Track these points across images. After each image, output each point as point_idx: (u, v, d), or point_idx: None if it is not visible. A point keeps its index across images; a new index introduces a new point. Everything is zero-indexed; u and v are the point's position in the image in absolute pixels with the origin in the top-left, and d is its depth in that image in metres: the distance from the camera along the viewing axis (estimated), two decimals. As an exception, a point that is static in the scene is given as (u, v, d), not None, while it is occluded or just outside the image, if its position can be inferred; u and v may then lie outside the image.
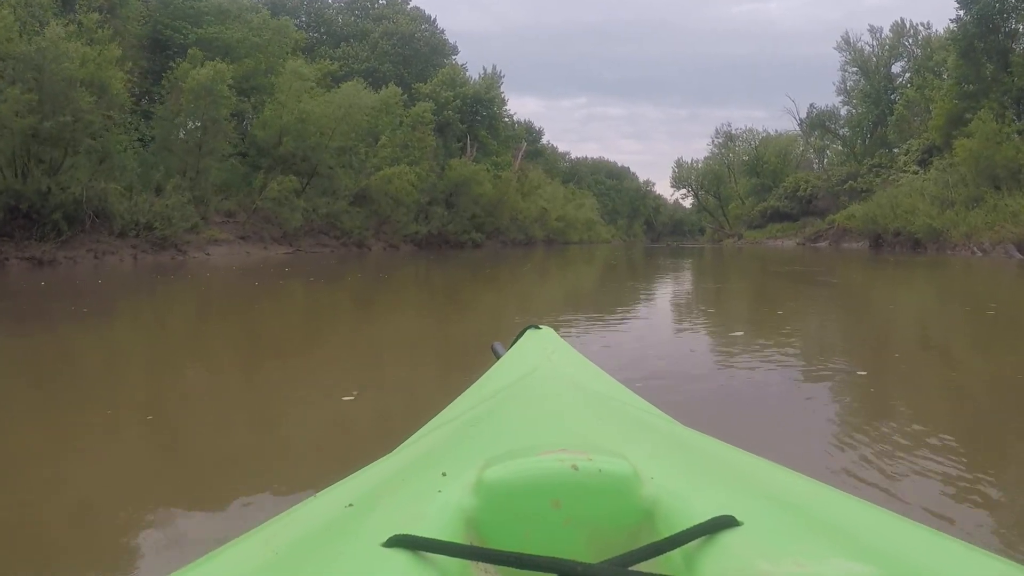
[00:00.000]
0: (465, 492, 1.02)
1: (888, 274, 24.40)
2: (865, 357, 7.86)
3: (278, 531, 1.03)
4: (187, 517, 3.50)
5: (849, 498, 1.11)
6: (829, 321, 11.84)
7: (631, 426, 1.45)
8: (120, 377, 7.27)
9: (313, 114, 43.90)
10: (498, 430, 1.38)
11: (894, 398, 5.96)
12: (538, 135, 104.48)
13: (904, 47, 75.91)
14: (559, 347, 2.25)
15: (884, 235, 48.07)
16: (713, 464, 1.21)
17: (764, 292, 17.22)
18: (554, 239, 79.03)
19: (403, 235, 52.28)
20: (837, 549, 0.85)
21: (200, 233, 36.94)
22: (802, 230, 72.07)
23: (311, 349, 8.91)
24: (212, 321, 12.66)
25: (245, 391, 6.68)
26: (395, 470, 1.24)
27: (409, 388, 6.63)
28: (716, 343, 9.04)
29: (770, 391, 6.15)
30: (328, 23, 73.83)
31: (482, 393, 1.91)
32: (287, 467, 4.30)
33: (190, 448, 4.75)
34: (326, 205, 44.81)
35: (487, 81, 73.05)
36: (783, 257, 40.51)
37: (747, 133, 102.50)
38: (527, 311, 13.12)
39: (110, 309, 14.07)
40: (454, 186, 58.30)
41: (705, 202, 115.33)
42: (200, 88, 37.33)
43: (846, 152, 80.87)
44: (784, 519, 0.94)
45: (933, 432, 4.62)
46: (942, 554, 0.91)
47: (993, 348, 8.53)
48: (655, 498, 1.00)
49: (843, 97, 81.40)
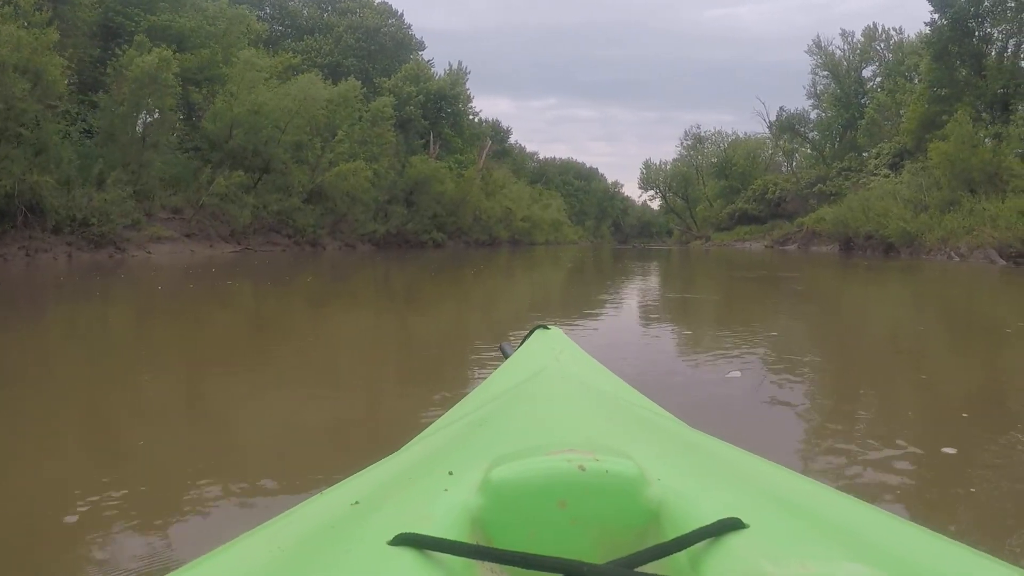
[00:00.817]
0: (472, 491, 1.04)
1: (872, 282, 22.58)
2: (941, 422, 5.27)
3: (283, 528, 1.05)
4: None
5: (855, 501, 1.11)
6: (849, 359, 8.60)
7: (638, 427, 1.45)
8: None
9: (266, 106, 41.92)
10: (505, 430, 1.38)
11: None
12: (505, 134, 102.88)
13: (875, 51, 75.44)
14: (567, 347, 2.24)
15: (855, 238, 46.90)
16: (720, 466, 1.22)
17: (745, 307, 15.17)
18: (519, 240, 77.35)
19: (360, 234, 50.37)
20: (842, 552, 0.86)
21: (142, 230, 35.21)
22: (770, 233, 71.55)
23: (247, 377, 7.05)
24: (126, 334, 10.68)
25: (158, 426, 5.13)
26: (402, 469, 1.25)
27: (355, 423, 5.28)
28: (716, 395, 6.06)
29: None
30: (293, 16, 71.95)
31: (490, 392, 1.91)
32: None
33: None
34: (277, 202, 42.81)
35: (452, 77, 71.23)
36: (752, 261, 39.02)
37: (716, 135, 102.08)
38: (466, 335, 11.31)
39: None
40: (414, 184, 56.34)
41: (673, 204, 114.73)
42: (144, 76, 35.44)
43: (815, 155, 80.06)
44: (790, 522, 0.95)
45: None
46: (946, 558, 0.92)
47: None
48: (661, 499, 1.02)
49: (813, 100, 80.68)
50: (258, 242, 41.70)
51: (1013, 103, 44.88)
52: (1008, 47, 47.00)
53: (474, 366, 7.11)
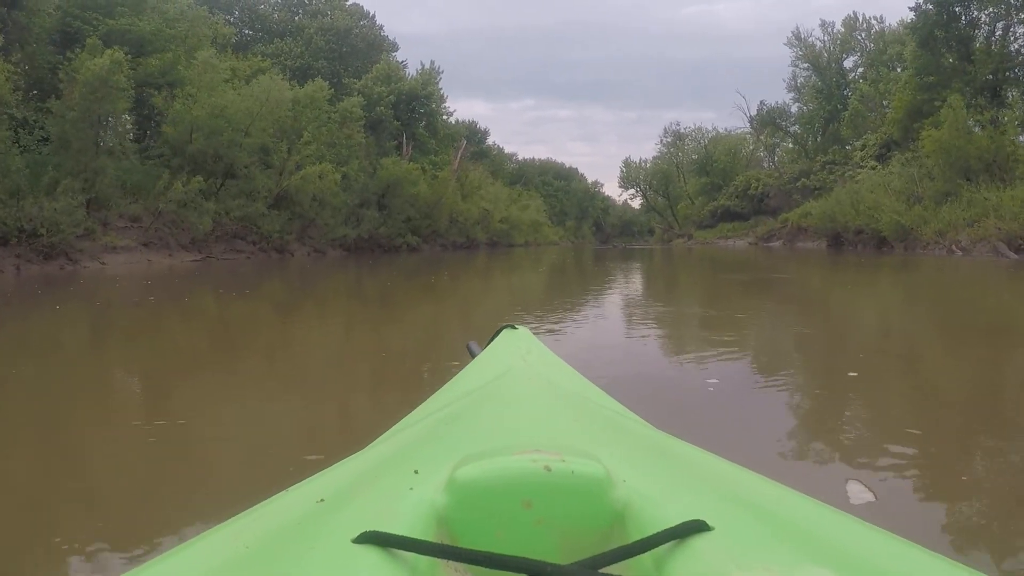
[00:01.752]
0: (437, 490, 1.04)
1: (879, 283, 20.57)
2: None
3: (248, 525, 1.02)
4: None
5: (819, 505, 1.10)
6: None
7: (605, 428, 1.42)
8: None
9: (227, 109, 39.82)
10: (472, 429, 1.37)
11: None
12: (483, 136, 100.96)
13: (856, 41, 74.11)
14: (534, 347, 2.24)
15: (844, 234, 45.23)
16: (686, 468, 1.21)
17: (745, 325, 12.83)
18: (498, 241, 75.64)
19: (330, 239, 48.24)
20: (806, 555, 0.87)
21: (96, 240, 33.13)
22: (754, 229, 70.46)
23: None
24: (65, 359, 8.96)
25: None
26: (367, 466, 1.24)
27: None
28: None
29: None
30: (263, 19, 69.65)
31: (457, 391, 1.91)
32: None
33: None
34: (240, 208, 40.61)
35: (424, 77, 69.02)
36: (738, 260, 37.22)
37: (696, 132, 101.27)
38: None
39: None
40: (386, 187, 54.13)
41: (654, 202, 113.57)
42: (95, 80, 33.35)
43: (797, 149, 78.70)
44: (755, 524, 0.95)
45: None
46: (907, 561, 0.92)
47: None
48: (627, 501, 1.02)
49: (794, 94, 79.32)
50: (220, 250, 39.57)
51: (1004, 89, 43.31)
52: (996, 31, 45.61)
53: (443, 377, 5.87)
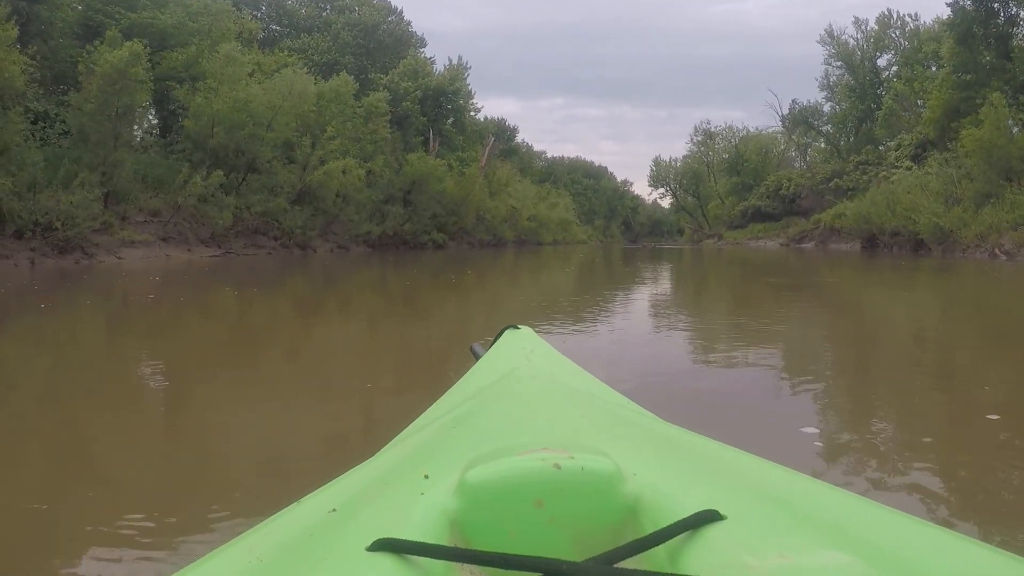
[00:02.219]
0: (448, 494, 1.03)
1: (943, 289, 19.09)
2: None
3: (262, 538, 1.02)
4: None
5: (832, 489, 1.10)
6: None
7: (613, 423, 1.43)
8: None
9: (249, 103, 38.98)
10: (479, 431, 1.36)
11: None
12: (512, 133, 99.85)
13: (891, 39, 72.15)
14: (538, 346, 2.21)
15: (879, 235, 43.67)
16: (696, 459, 1.21)
17: (806, 341, 10.80)
18: (525, 240, 74.82)
19: (354, 235, 47.45)
20: (821, 540, 0.86)
21: (113, 234, 32.43)
22: (785, 230, 68.83)
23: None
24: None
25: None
26: (378, 474, 1.23)
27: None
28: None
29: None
30: (290, 15, 68.98)
31: (463, 394, 1.89)
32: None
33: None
34: (260, 203, 39.84)
35: (452, 72, 68.16)
36: (773, 261, 35.91)
37: (727, 131, 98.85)
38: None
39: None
40: (412, 183, 53.28)
41: (684, 202, 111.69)
42: (113, 72, 32.56)
43: (830, 149, 77.09)
44: (768, 512, 0.95)
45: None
46: (925, 542, 0.91)
47: None
48: (638, 495, 1.01)
49: (826, 93, 77.64)
50: (240, 245, 38.86)
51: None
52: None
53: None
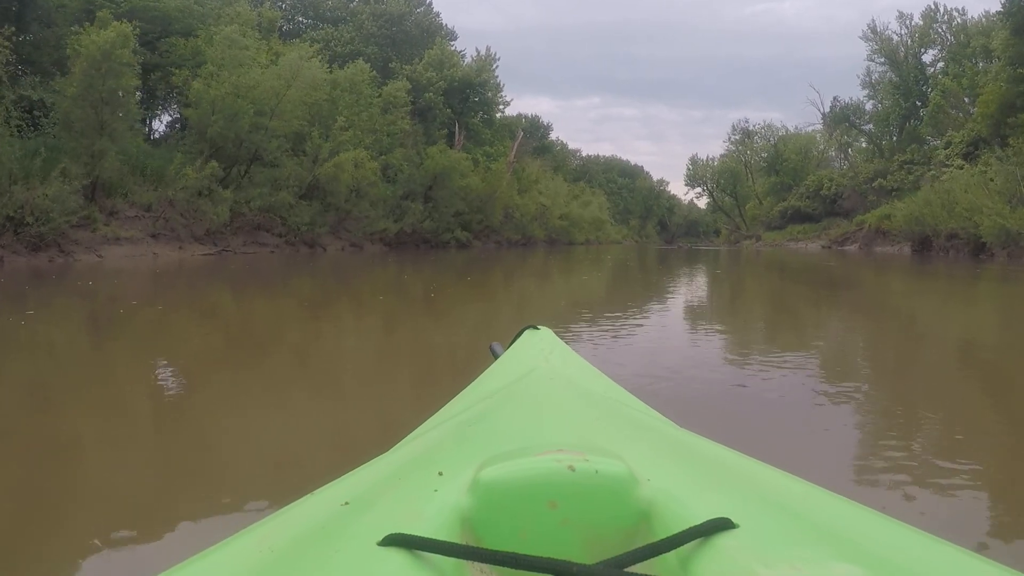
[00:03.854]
0: (461, 492, 1.02)
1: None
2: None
3: (273, 529, 1.01)
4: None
5: (846, 502, 1.07)
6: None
7: (628, 427, 1.40)
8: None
9: (251, 89, 35.71)
10: (495, 430, 1.35)
11: None
12: (545, 130, 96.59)
13: (936, 34, 68.36)
14: (557, 347, 2.19)
15: (934, 238, 39.66)
16: (710, 466, 1.18)
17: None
18: (556, 239, 71.60)
19: (368, 233, 43.99)
20: (833, 553, 0.86)
21: (96, 230, 29.29)
22: (826, 231, 66.07)
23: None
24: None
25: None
26: (392, 469, 1.21)
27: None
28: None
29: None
30: (315, 6, 65.65)
31: (480, 393, 1.88)
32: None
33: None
34: (261, 197, 36.38)
35: (479, 64, 64.55)
36: (821, 266, 31.85)
37: (765, 129, 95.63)
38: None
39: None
40: (433, 177, 49.65)
41: (721, 201, 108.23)
42: (97, 54, 29.43)
43: (872, 149, 73.38)
44: (781, 522, 0.94)
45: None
46: (937, 558, 0.91)
47: None
48: (651, 500, 1.00)
49: (868, 90, 74.03)
50: (239, 243, 35.56)
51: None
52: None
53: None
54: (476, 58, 65.98)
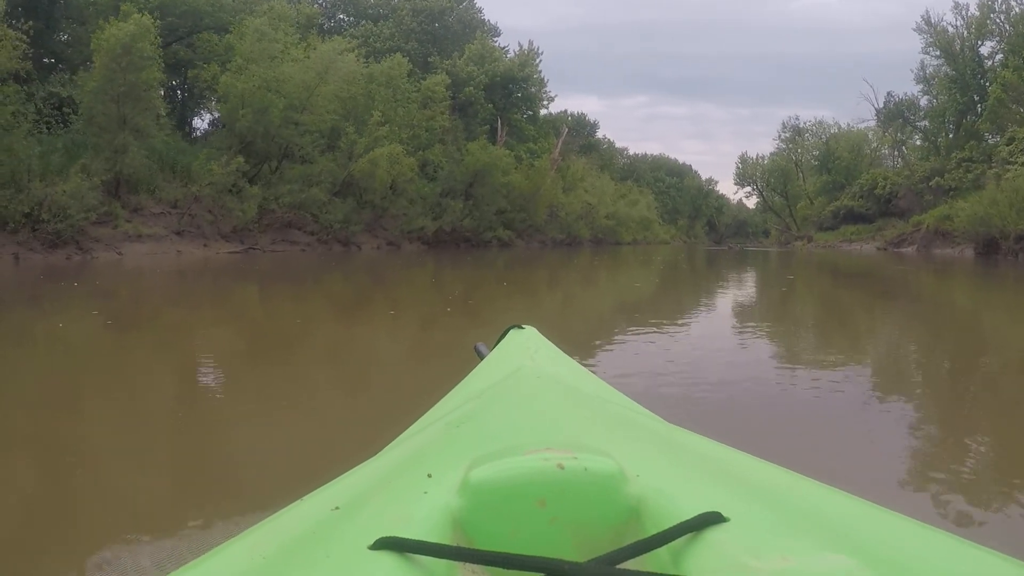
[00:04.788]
0: (451, 493, 1.02)
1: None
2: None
3: (264, 535, 1.01)
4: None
5: (835, 492, 1.08)
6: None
7: (616, 424, 1.40)
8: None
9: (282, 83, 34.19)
10: (483, 430, 1.34)
11: None
12: (592, 128, 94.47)
13: (995, 25, 65.38)
14: (542, 346, 2.16)
15: (1002, 240, 37.12)
16: (699, 461, 1.19)
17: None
18: (603, 239, 69.63)
19: (405, 231, 42.28)
20: (823, 543, 0.86)
21: (117, 227, 27.96)
22: (880, 232, 63.17)
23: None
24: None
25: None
26: (381, 472, 1.21)
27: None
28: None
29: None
30: (356, 3, 64.26)
31: (466, 393, 1.84)
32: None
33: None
34: (291, 194, 34.81)
35: (522, 58, 62.65)
36: (880, 270, 29.43)
37: (816, 127, 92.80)
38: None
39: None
40: (473, 174, 47.70)
41: (770, 201, 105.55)
42: (118, 47, 28.08)
43: (928, 146, 70.41)
44: (770, 514, 0.94)
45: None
46: (928, 545, 0.91)
47: None
48: (641, 496, 1.00)
49: (923, 85, 70.78)
50: (268, 241, 34.05)
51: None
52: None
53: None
54: (519, 53, 64.14)
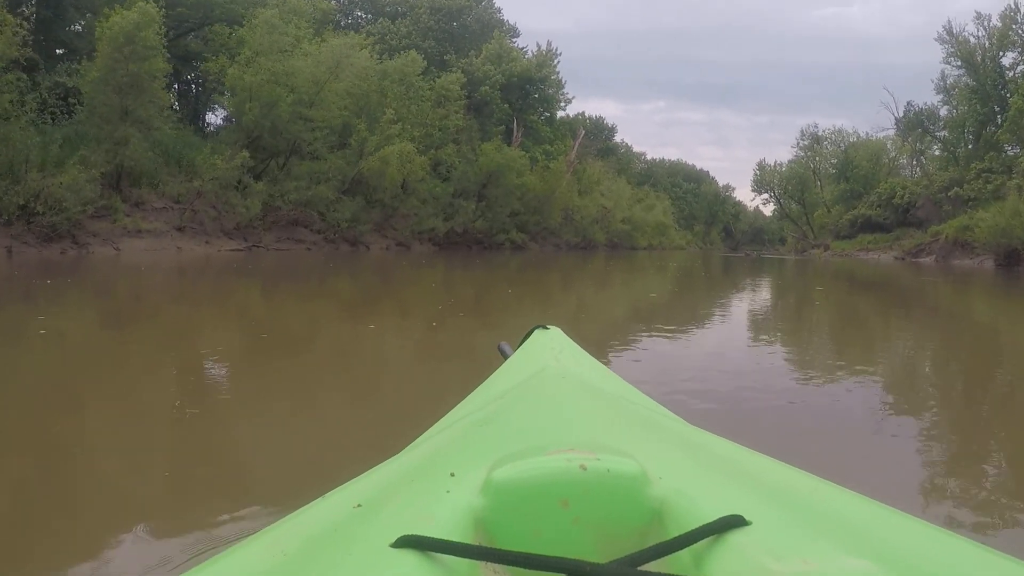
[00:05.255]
0: (474, 492, 1.01)
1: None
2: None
3: (287, 532, 1.01)
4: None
5: (857, 496, 1.07)
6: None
7: (640, 426, 1.40)
8: None
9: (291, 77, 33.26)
10: (506, 430, 1.34)
11: None
12: (610, 132, 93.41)
13: (1017, 36, 64.20)
14: (567, 347, 2.15)
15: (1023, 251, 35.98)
16: (721, 464, 1.18)
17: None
18: (618, 243, 68.46)
19: (416, 232, 41.30)
20: (844, 547, 0.86)
21: (116, 221, 27.06)
22: (898, 242, 62.05)
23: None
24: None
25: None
26: (404, 470, 1.21)
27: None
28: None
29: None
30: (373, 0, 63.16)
31: (490, 393, 1.84)
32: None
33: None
34: (297, 190, 33.88)
35: (540, 59, 61.49)
36: (901, 281, 28.10)
37: (835, 135, 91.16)
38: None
39: None
40: (487, 175, 46.73)
41: (788, 208, 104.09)
42: (121, 36, 27.19)
43: (947, 156, 69.17)
44: (792, 518, 0.94)
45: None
46: (949, 552, 0.91)
47: None
48: (664, 498, 1.00)
49: (943, 95, 69.58)
50: (272, 239, 33.06)
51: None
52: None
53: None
54: (537, 53, 63.00)
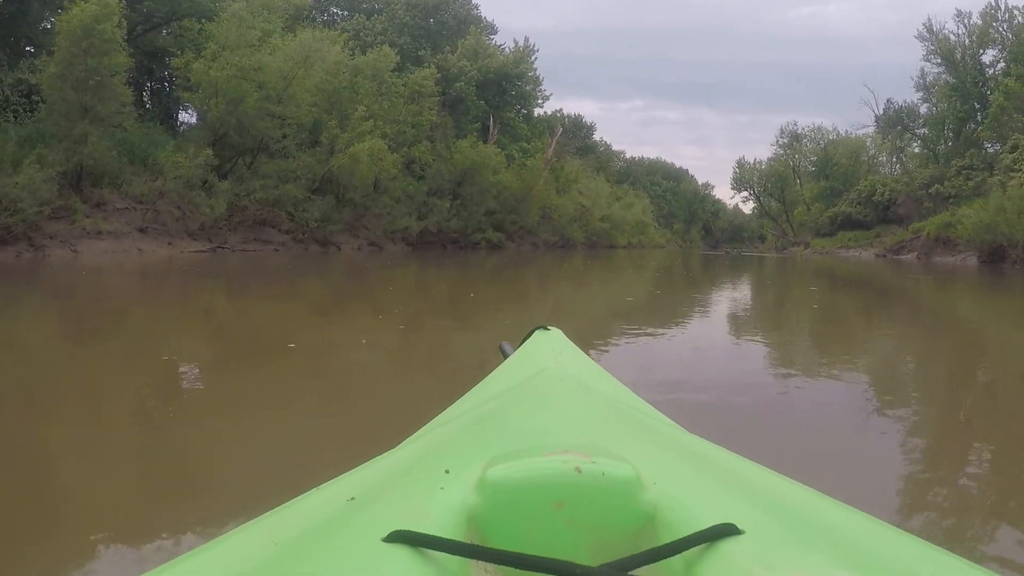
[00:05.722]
0: (468, 490, 1.01)
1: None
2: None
3: (279, 522, 1.02)
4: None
5: (850, 510, 1.08)
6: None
7: (636, 430, 1.41)
8: None
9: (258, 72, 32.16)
10: (503, 429, 1.34)
11: None
12: (588, 130, 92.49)
13: (998, 33, 63.62)
14: (567, 348, 2.16)
15: (1008, 248, 35.28)
16: (716, 471, 1.18)
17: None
18: (597, 242, 67.53)
19: (388, 231, 40.17)
20: (836, 560, 0.86)
21: (75, 222, 25.94)
22: (879, 239, 61.83)
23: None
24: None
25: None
26: (398, 465, 1.21)
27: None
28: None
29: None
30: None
31: (488, 392, 1.86)
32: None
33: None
34: (264, 189, 32.79)
35: (517, 55, 60.34)
36: (887, 280, 27.31)
37: (815, 132, 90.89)
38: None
39: None
40: (462, 173, 45.73)
41: (767, 206, 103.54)
42: (78, 30, 26.04)
43: (927, 153, 68.65)
44: (785, 529, 0.94)
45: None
46: (939, 569, 0.91)
47: None
48: (657, 503, 0.99)
49: (923, 93, 68.95)
50: (238, 239, 31.95)
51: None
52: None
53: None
54: (514, 50, 61.87)
